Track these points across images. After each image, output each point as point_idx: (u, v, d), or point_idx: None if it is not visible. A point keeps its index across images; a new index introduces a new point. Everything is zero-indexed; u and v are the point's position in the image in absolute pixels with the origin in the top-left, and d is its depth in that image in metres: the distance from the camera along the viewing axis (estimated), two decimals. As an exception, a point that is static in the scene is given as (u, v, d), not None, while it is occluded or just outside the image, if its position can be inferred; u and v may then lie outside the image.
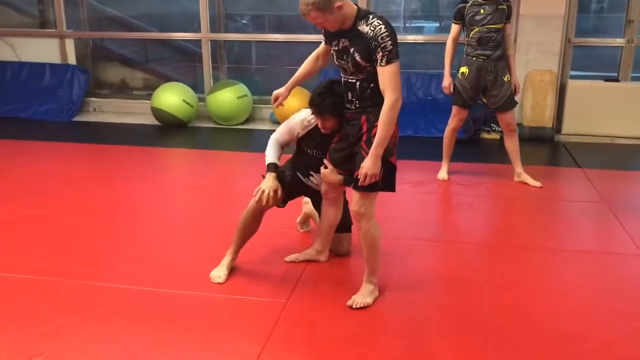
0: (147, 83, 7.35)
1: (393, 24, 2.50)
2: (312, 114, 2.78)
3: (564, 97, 5.93)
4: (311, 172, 3.01)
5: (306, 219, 3.54)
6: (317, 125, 2.82)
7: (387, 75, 2.42)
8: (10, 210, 3.86)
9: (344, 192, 3.01)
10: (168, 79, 6.90)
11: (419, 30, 7.47)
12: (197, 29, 6.73)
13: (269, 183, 2.83)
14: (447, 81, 4.37)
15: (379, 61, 2.42)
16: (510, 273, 3.08)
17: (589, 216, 3.94)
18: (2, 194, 4.18)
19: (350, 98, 2.61)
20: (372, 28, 2.42)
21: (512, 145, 4.47)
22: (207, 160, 5.30)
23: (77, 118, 6.70)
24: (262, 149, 2.99)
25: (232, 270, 3.01)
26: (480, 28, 4.24)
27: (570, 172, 4.81)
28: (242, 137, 6.11)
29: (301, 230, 3.53)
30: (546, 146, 5.69)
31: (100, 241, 3.42)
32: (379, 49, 2.40)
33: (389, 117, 2.43)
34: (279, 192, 2.86)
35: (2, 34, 7.00)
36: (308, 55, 2.96)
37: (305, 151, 2.98)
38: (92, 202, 4.04)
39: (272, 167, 2.88)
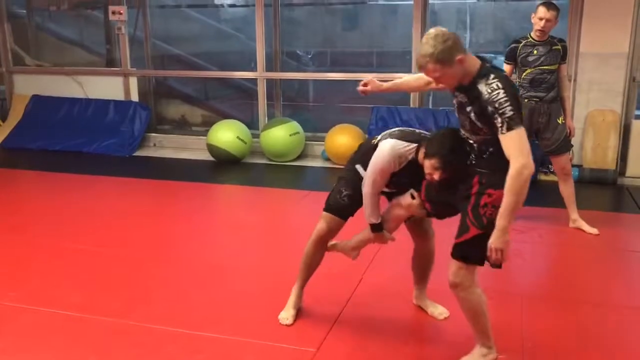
0: (205, 120, 7.56)
1: None
2: (439, 168, 2.44)
3: (628, 138, 5.65)
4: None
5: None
6: (408, 162, 2.60)
7: (509, 142, 2.20)
8: (58, 243, 3.99)
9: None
10: (226, 116, 7.07)
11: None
12: (255, 68, 6.89)
13: (385, 238, 2.77)
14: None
15: (499, 129, 2.20)
16: (556, 330, 2.90)
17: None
18: (53, 228, 4.34)
19: (467, 151, 2.43)
20: (489, 90, 2.22)
21: (567, 189, 4.27)
22: (257, 197, 5.35)
23: (138, 153, 6.94)
24: (313, 186, 3.02)
25: (299, 310, 2.99)
26: (533, 69, 4.12)
27: (632, 219, 4.54)
28: (294, 174, 6.15)
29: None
30: (608, 190, 5.41)
31: (141, 278, 3.48)
32: (496, 115, 2.20)
33: (513, 185, 2.18)
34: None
35: (72, 72, 7.41)
36: None
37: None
38: (140, 238, 4.14)
39: (379, 227, 2.74)
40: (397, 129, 2.74)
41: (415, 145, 2.58)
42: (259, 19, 6.67)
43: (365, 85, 2.80)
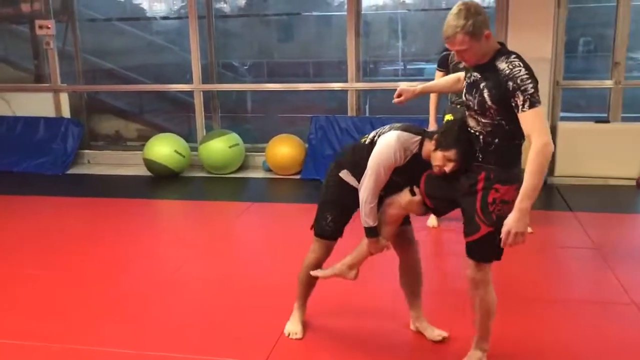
0: (141, 134, 7.40)
1: (390, 67, 2.39)
2: (454, 160, 2.37)
3: (555, 139, 5.90)
4: (381, 193, 2.60)
5: None
6: (412, 155, 2.50)
7: (530, 120, 2.15)
8: (-6, 269, 3.83)
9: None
10: (162, 130, 6.95)
11: (419, 71, 7.43)
12: (191, 80, 6.81)
13: (381, 245, 2.63)
14: (431, 128, 4.37)
15: (520, 106, 2.15)
16: (498, 325, 3.00)
17: (580, 263, 3.88)
18: (-13, 252, 4.15)
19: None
20: (510, 66, 2.18)
21: (501, 190, 4.43)
22: (199, 211, 5.28)
23: (71, 171, 6.71)
24: (256, 197, 2.99)
25: (305, 325, 2.94)
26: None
27: (562, 216, 4.76)
28: (235, 186, 6.11)
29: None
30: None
31: (86, 300, 3.36)
32: (518, 92, 2.15)
33: (536, 164, 2.15)
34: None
35: (-2, 89, 7.11)
36: (301, 103, 2.89)
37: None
38: (81, 259, 4.00)
39: (375, 232, 2.58)
40: (397, 123, 2.59)
41: (419, 137, 2.50)
42: (192, 30, 6.61)
43: (399, 96, 2.67)
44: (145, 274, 3.73)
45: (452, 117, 4.31)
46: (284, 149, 6.24)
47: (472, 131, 2.35)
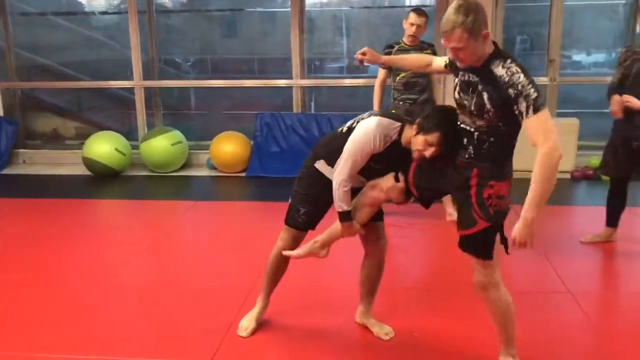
0: (80, 132, 7.18)
1: (335, 64, 2.33)
2: (435, 144, 2.32)
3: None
4: (362, 179, 2.58)
5: None
6: (393, 142, 2.47)
7: (535, 125, 2.09)
8: None
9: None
10: (102, 128, 6.76)
11: (363, 69, 7.49)
12: (131, 76, 6.65)
13: (354, 230, 2.57)
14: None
15: (524, 113, 2.09)
16: (438, 317, 3.07)
17: (518, 254, 3.92)
18: None
19: (464, 143, 2.30)
20: (509, 73, 2.13)
21: (443, 185, 4.52)
22: (141, 211, 5.15)
23: (6, 171, 6.45)
24: (200, 196, 2.93)
25: (261, 324, 2.90)
26: (407, 73, 4.31)
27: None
28: (179, 185, 6.00)
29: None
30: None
31: (21, 305, 3.22)
32: (521, 99, 2.10)
33: (546, 172, 2.09)
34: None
35: None
36: (246, 99, 2.82)
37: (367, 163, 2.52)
38: (17, 262, 3.84)
39: (349, 216, 2.53)
40: (375, 110, 2.55)
41: (400, 124, 2.46)
42: (132, 26, 6.46)
43: (363, 54, 2.63)
44: (85, 277, 3.61)
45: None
46: (229, 147, 6.18)
47: (464, 127, 2.30)
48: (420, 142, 2.35)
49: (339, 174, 2.46)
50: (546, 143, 2.08)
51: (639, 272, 3.66)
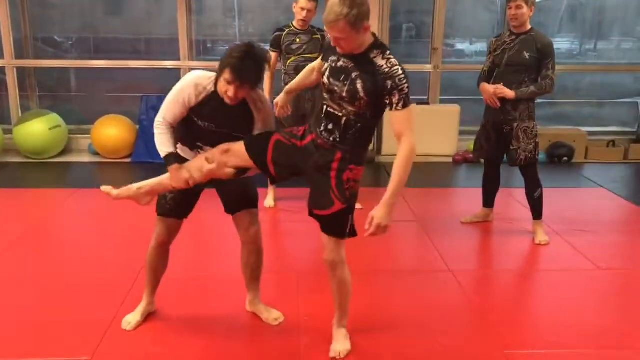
0: (-59, 115, 6.53)
1: (227, 46, 2.28)
2: (231, 81, 2.33)
3: (381, 120, 6.23)
4: (200, 144, 2.56)
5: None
6: (210, 93, 2.46)
7: (403, 119, 2.23)
8: None
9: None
10: (-33, 110, 6.19)
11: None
12: (1, 55, 6.13)
13: (182, 175, 2.45)
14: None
15: (394, 104, 2.21)
16: (329, 299, 3.10)
17: (404, 235, 4.14)
18: None
19: (329, 127, 2.34)
20: (389, 65, 2.21)
21: (333, 170, 4.59)
22: (14, 200, 4.76)
23: None
24: (80, 183, 2.74)
25: (149, 315, 2.80)
26: (297, 57, 4.31)
27: (389, 192, 5.04)
28: (57, 172, 5.64)
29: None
30: (368, 168, 5.87)
31: None
32: (395, 92, 2.20)
33: (406, 163, 2.25)
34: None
35: None
36: (131, 81, 2.71)
37: (195, 122, 2.50)
38: None
39: (172, 158, 2.46)
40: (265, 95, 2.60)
41: (215, 75, 2.44)
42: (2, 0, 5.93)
43: (282, 108, 2.78)
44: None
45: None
46: (112, 131, 5.88)
47: (331, 111, 2.34)
48: (222, 86, 2.37)
49: (155, 123, 2.48)
50: (412, 137, 2.25)
51: (513, 250, 3.91)
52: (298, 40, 4.33)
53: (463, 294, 3.23)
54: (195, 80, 2.45)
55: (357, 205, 4.50)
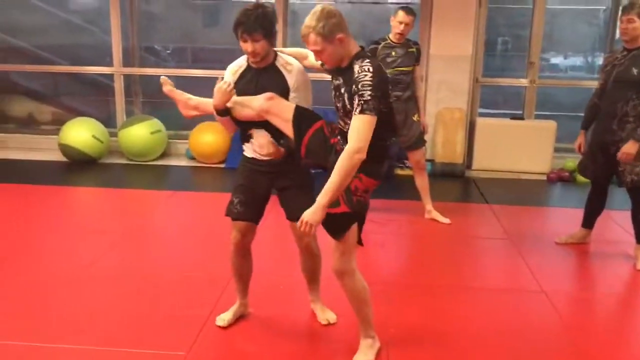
0: (56, 117, 7.05)
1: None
2: (243, 37, 2.50)
3: (473, 134, 6.15)
4: (250, 134, 2.74)
5: None
6: (245, 67, 2.66)
7: (356, 126, 2.21)
8: None
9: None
10: (79, 114, 6.64)
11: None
12: (111, 62, 6.54)
13: (224, 97, 2.59)
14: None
15: (354, 109, 2.23)
16: (416, 312, 3.09)
17: (494, 252, 4.05)
18: None
19: (341, 143, 2.39)
20: (359, 70, 2.25)
21: (421, 182, 4.57)
22: (117, 199, 5.09)
23: (-22, 154, 6.31)
24: (178, 186, 2.91)
25: (242, 316, 2.94)
26: (392, 70, 4.33)
27: (478, 208, 4.95)
28: (157, 174, 5.94)
29: None
30: (457, 182, 5.86)
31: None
32: (356, 96, 2.22)
33: (343, 166, 2.21)
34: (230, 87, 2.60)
35: None
36: None
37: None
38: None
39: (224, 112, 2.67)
40: None
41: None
42: (114, 11, 6.36)
43: None
44: (59, 266, 3.56)
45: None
46: (208, 137, 6.13)
47: (341, 128, 2.43)
48: (243, 49, 2.55)
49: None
50: (353, 144, 2.21)
51: (611, 274, 3.73)
52: (394, 53, 4.36)
53: (557, 317, 3.11)
54: (230, 68, 2.71)
55: (445, 220, 4.49)
